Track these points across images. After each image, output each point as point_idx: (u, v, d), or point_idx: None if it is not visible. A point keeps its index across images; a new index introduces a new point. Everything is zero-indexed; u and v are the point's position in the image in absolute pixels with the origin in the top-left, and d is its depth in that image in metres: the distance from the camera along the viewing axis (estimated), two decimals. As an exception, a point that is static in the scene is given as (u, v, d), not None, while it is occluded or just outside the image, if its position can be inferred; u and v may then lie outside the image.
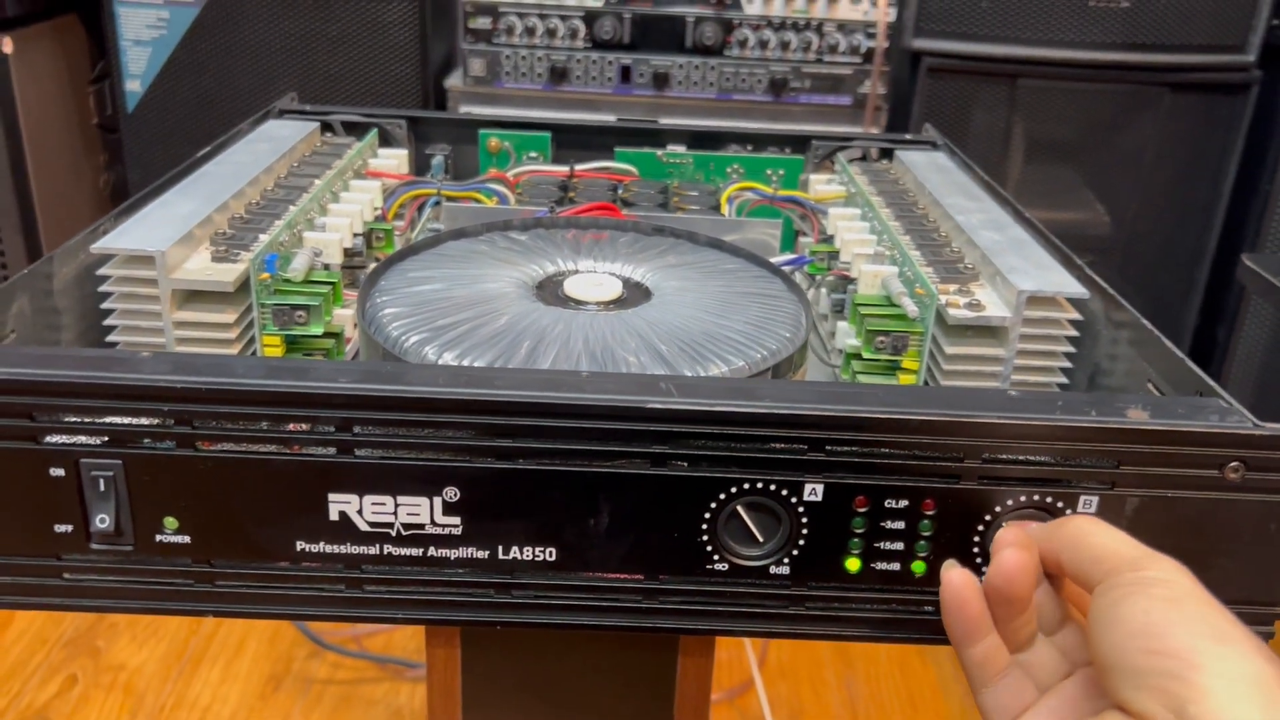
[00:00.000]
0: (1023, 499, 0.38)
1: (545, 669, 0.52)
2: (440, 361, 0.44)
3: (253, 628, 1.26)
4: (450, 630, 0.50)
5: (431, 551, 0.39)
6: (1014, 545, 0.36)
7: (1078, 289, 0.50)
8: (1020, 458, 0.38)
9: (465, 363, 0.43)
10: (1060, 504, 0.38)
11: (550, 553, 0.39)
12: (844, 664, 1.27)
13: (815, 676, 1.25)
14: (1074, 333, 0.50)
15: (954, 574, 0.37)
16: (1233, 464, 0.37)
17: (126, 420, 0.37)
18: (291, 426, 0.37)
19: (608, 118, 1.41)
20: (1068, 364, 0.51)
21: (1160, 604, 0.32)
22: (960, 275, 0.53)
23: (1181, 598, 0.33)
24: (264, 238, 0.53)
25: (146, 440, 0.37)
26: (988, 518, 0.38)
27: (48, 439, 0.37)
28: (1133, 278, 1.47)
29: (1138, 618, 0.32)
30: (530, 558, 0.39)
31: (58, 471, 0.38)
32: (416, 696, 1.19)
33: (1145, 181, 1.43)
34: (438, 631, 0.51)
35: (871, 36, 1.37)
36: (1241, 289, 1.39)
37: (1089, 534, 0.36)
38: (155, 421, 0.37)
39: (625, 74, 1.38)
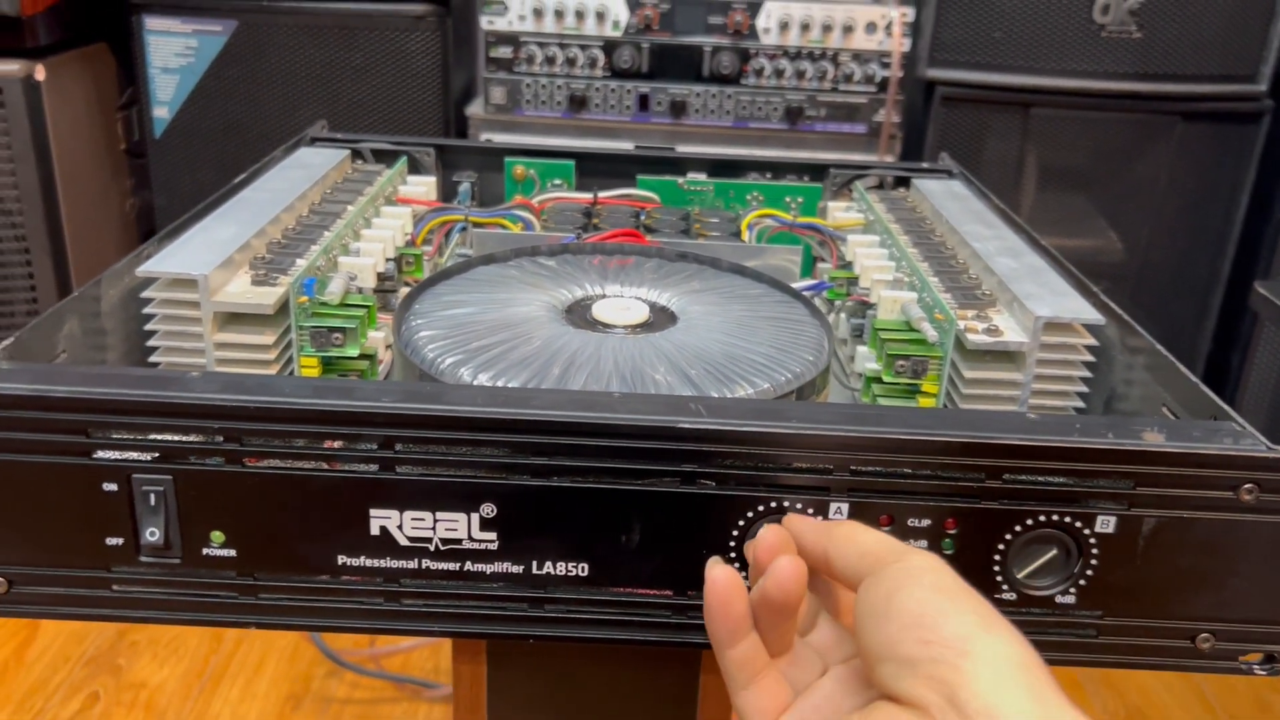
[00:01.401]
0: (1041, 519, 0.39)
1: (569, 686, 0.53)
2: (475, 382, 0.45)
3: (272, 647, 1.27)
4: (477, 646, 0.52)
5: (468, 566, 0.40)
6: (787, 553, 0.36)
7: (1094, 315, 0.51)
8: (1040, 478, 0.39)
9: (500, 384, 0.45)
10: (1079, 524, 0.39)
11: (583, 568, 0.40)
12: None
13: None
14: (1090, 358, 0.52)
15: (719, 572, 0.37)
16: (1247, 486, 0.39)
17: (177, 437, 0.39)
18: (335, 444, 0.38)
19: (625, 145, 1.43)
20: (1084, 388, 0.52)
21: (932, 594, 0.33)
22: (978, 301, 0.54)
23: (950, 587, 0.33)
24: (301, 262, 0.55)
25: (196, 456, 0.39)
26: (1008, 536, 0.40)
27: (101, 454, 0.39)
28: (1146, 305, 1.48)
29: (911, 608, 0.33)
30: (563, 573, 0.40)
31: (110, 486, 0.39)
32: (434, 717, 1.19)
33: (1158, 209, 1.45)
34: (464, 647, 0.52)
35: (886, 66, 1.39)
36: (1255, 316, 1.39)
37: (856, 532, 0.37)
38: (205, 438, 0.39)
39: (643, 102, 1.40)
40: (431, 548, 0.40)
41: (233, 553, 0.40)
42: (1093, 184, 1.44)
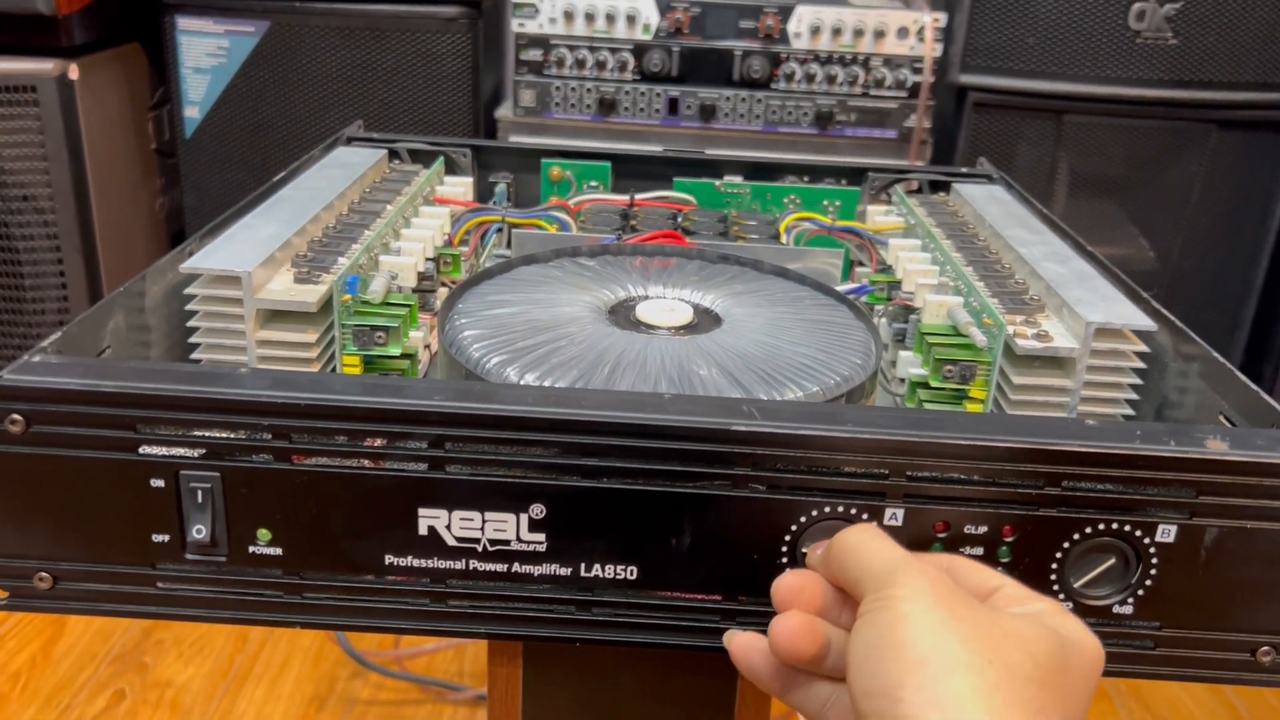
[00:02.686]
0: (1100, 527, 0.39)
1: (605, 689, 0.52)
2: (522, 382, 0.45)
3: (296, 647, 1.27)
4: (513, 648, 0.51)
5: (516, 567, 0.40)
6: (789, 611, 0.36)
7: (1145, 321, 0.50)
8: (1100, 486, 0.38)
9: (547, 383, 0.44)
10: (1139, 533, 0.39)
11: (631, 571, 0.40)
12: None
13: (856, 709, 1.24)
14: (1141, 365, 0.51)
15: (733, 648, 0.38)
16: (1313, 496, 0.38)
17: (225, 434, 0.38)
18: (384, 443, 0.38)
19: (655, 149, 1.42)
20: (1134, 396, 0.51)
21: (878, 634, 0.32)
22: (1026, 306, 0.54)
23: (902, 618, 0.31)
24: (343, 261, 0.54)
25: (244, 454, 0.39)
26: (1066, 545, 0.39)
27: (148, 450, 0.39)
28: (1178, 314, 1.46)
29: (857, 656, 0.32)
30: (611, 575, 0.40)
31: (158, 482, 0.39)
32: (458, 719, 1.19)
33: (1191, 218, 1.43)
34: (500, 649, 0.52)
35: (917, 71, 1.38)
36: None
37: (852, 550, 0.35)
38: (253, 435, 0.38)
39: (673, 106, 1.40)
40: (479, 548, 0.39)
41: (279, 551, 0.40)
42: (1125, 192, 1.42)
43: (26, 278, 1.34)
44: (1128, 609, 0.40)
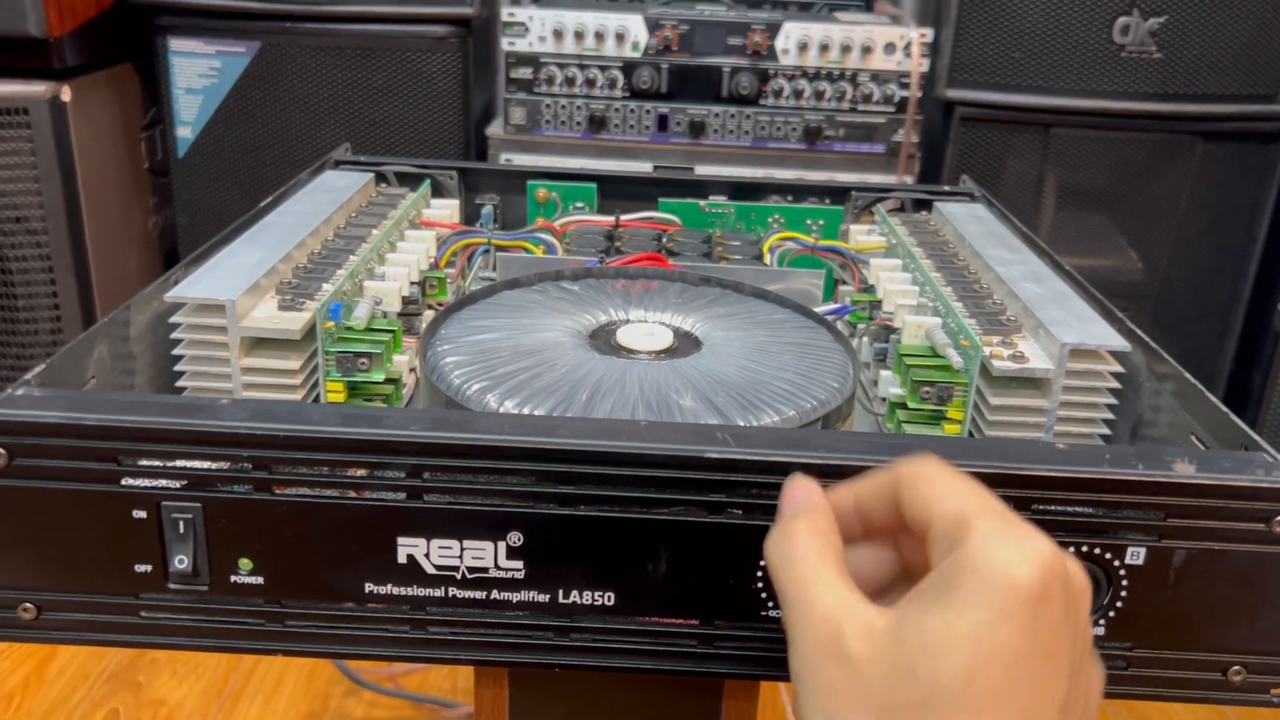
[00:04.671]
0: (1071, 550, 0.39)
1: (592, 710, 0.53)
2: (502, 409, 0.45)
3: (290, 665, 1.27)
4: (499, 671, 0.51)
5: (494, 594, 0.40)
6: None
7: (1120, 342, 0.51)
8: (1069, 509, 0.39)
9: (526, 410, 0.45)
10: (1109, 555, 0.39)
11: (609, 597, 0.40)
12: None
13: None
14: (1116, 385, 0.51)
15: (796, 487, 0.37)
16: (1279, 518, 0.38)
17: (206, 465, 0.39)
18: (363, 472, 0.39)
19: (644, 165, 1.43)
20: (1110, 415, 0.52)
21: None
22: (1003, 327, 0.54)
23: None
24: (328, 287, 0.55)
25: (224, 484, 0.39)
26: (1037, 568, 0.39)
27: (130, 482, 0.39)
28: (1166, 324, 1.47)
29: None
30: (589, 601, 0.40)
31: (139, 513, 0.39)
32: (451, 737, 1.19)
33: (1178, 229, 1.44)
34: (487, 672, 0.52)
35: (905, 86, 1.39)
36: (1277, 337, 1.38)
37: (919, 485, 0.34)
38: (234, 466, 0.39)
39: (662, 123, 1.41)
40: (458, 576, 0.40)
41: (260, 580, 0.40)
42: (1113, 204, 1.43)
43: (19, 299, 1.34)
44: (1099, 630, 0.40)
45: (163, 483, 0.39)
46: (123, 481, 0.39)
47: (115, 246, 1.44)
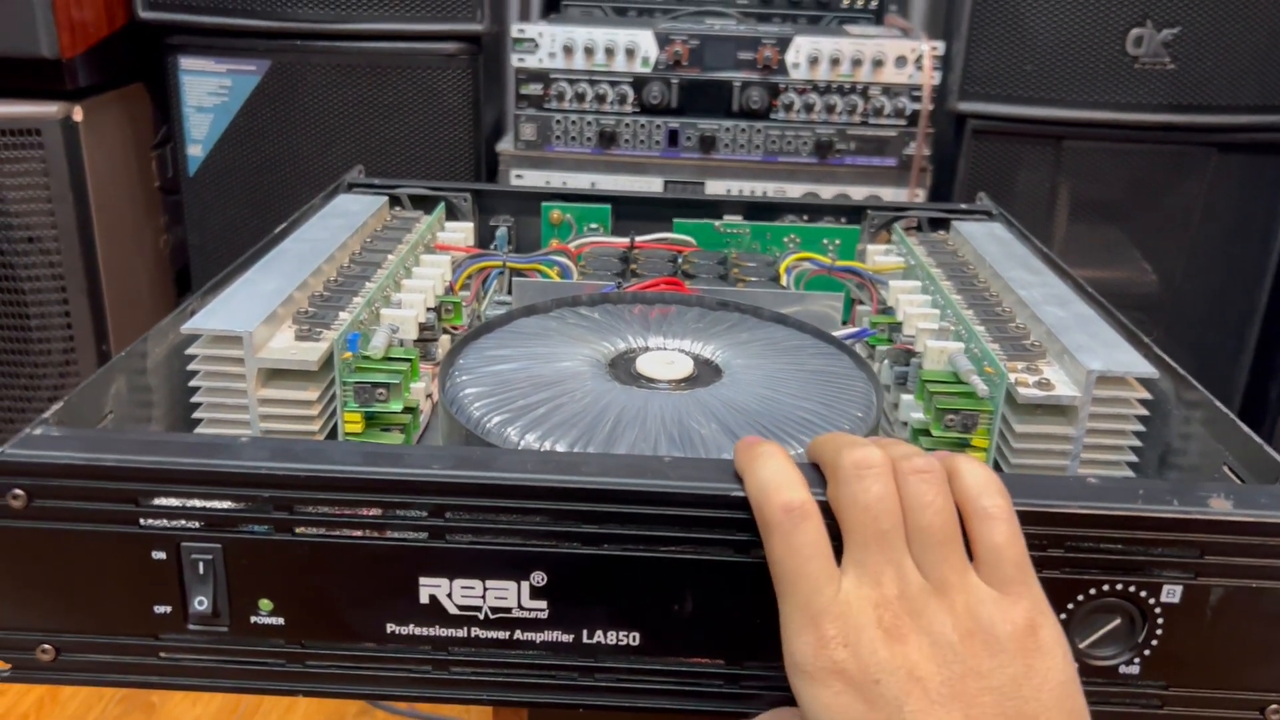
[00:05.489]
0: (1105, 588, 0.38)
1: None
2: (523, 443, 0.45)
3: (303, 686, 1.27)
4: (519, 710, 0.51)
5: (518, 635, 0.39)
6: None
7: (1147, 369, 0.50)
8: (1103, 546, 0.38)
9: (548, 444, 0.44)
10: (1144, 593, 0.38)
11: (634, 637, 0.40)
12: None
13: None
14: (1144, 412, 0.51)
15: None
16: (1318, 555, 0.37)
17: (226, 505, 0.38)
18: (384, 512, 0.38)
19: (655, 180, 1.43)
20: (1138, 443, 0.51)
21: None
22: (1027, 353, 0.54)
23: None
24: (344, 316, 0.54)
25: (245, 525, 0.39)
26: (1071, 605, 0.39)
27: (149, 523, 0.39)
28: (1181, 337, 1.46)
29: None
30: (614, 642, 0.40)
31: (159, 554, 0.39)
32: (465, 758, 1.18)
33: (1193, 241, 1.43)
34: (506, 711, 0.52)
35: (916, 99, 1.38)
36: (1295, 350, 1.37)
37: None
38: (254, 506, 0.38)
39: (673, 138, 1.40)
40: (481, 616, 0.39)
41: (281, 621, 0.40)
42: (1126, 216, 1.42)
43: (32, 318, 1.34)
44: (1134, 669, 0.39)
45: (182, 523, 0.39)
46: (142, 522, 0.39)
47: (127, 265, 1.44)
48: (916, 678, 0.33)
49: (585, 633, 0.39)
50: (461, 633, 0.39)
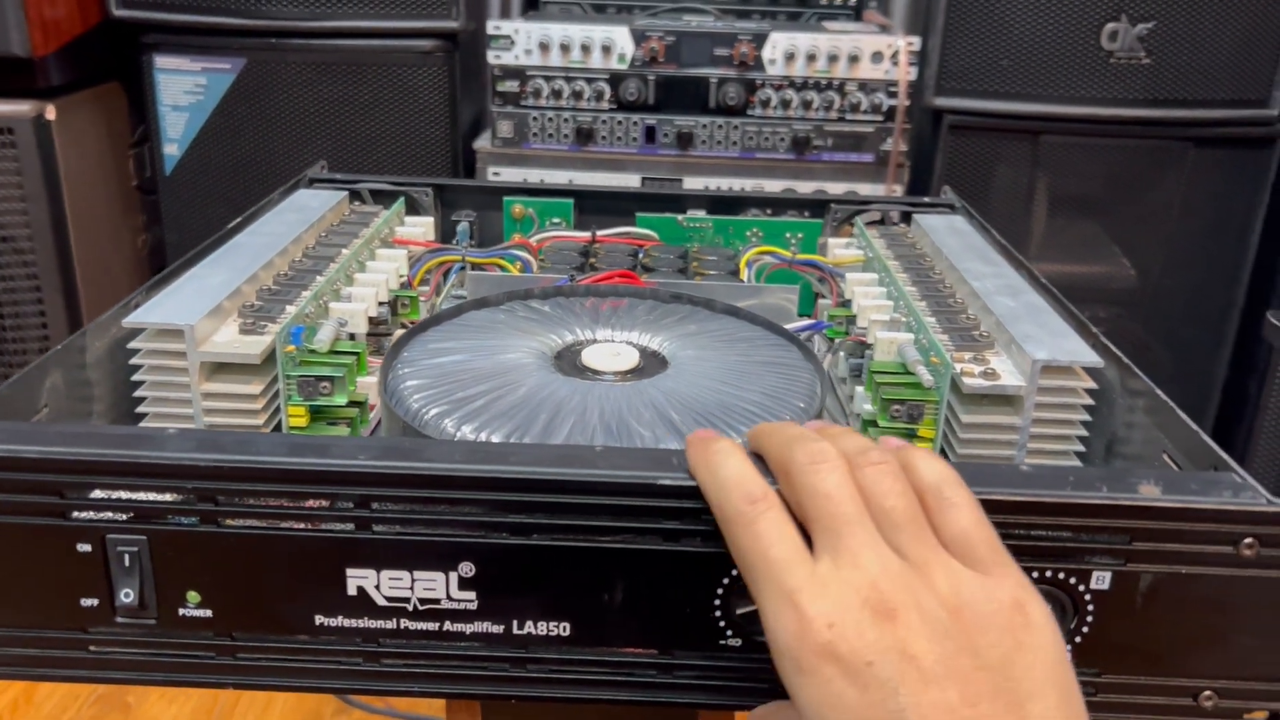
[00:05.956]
0: (1035, 575, 0.38)
1: (565, 736, 0.52)
2: (459, 434, 0.44)
3: (279, 685, 1.27)
4: (471, 704, 0.51)
5: (447, 626, 0.39)
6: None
7: (1093, 358, 0.50)
8: (1033, 533, 0.38)
9: (484, 435, 0.44)
10: (1074, 580, 0.38)
11: (564, 627, 0.39)
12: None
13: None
14: (1089, 401, 0.51)
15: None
16: (1247, 540, 0.37)
17: (152, 496, 0.38)
18: (311, 503, 0.38)
19: (633, 177, 1.43)
20: (1084, 432, 0.51)
21: None
22: (975, 343, 0.53)
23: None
24: (291, 309, 0.54)
25: (171, 516, 0.38)
26: (1000, 594, 0.38)
27: (76, 515, 0.38)
28: (1159, 331, 1.46)
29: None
30: (545, 632, 0.39)
31: (85, 547, 0.39)
32: (441, 756, 1.18)
33: (1171, 235, 1.43)
34: (459, 705, 0.51)
35: (893, 95, 1.38)
36: (1269, 347, 1.37)
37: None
38: (179, 498, 0.38)
39: (650, 134, 1.40)
40: (410, 607, 0.39)
41: (209, 613, 0.39)
42: (1104, 211, 1.42)
43: (6, 318, 1.34)
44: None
45: (108, 515, 0.38)
46: (67, 514, 0.38)
47: (103, 265, 1.44)
48: (909, 656, 0.31)
49: (515, 623, 0.39)
50: (391, 624, 0.39)
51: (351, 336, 0.57)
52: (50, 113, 1.29)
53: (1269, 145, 1.39)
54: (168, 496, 0.38)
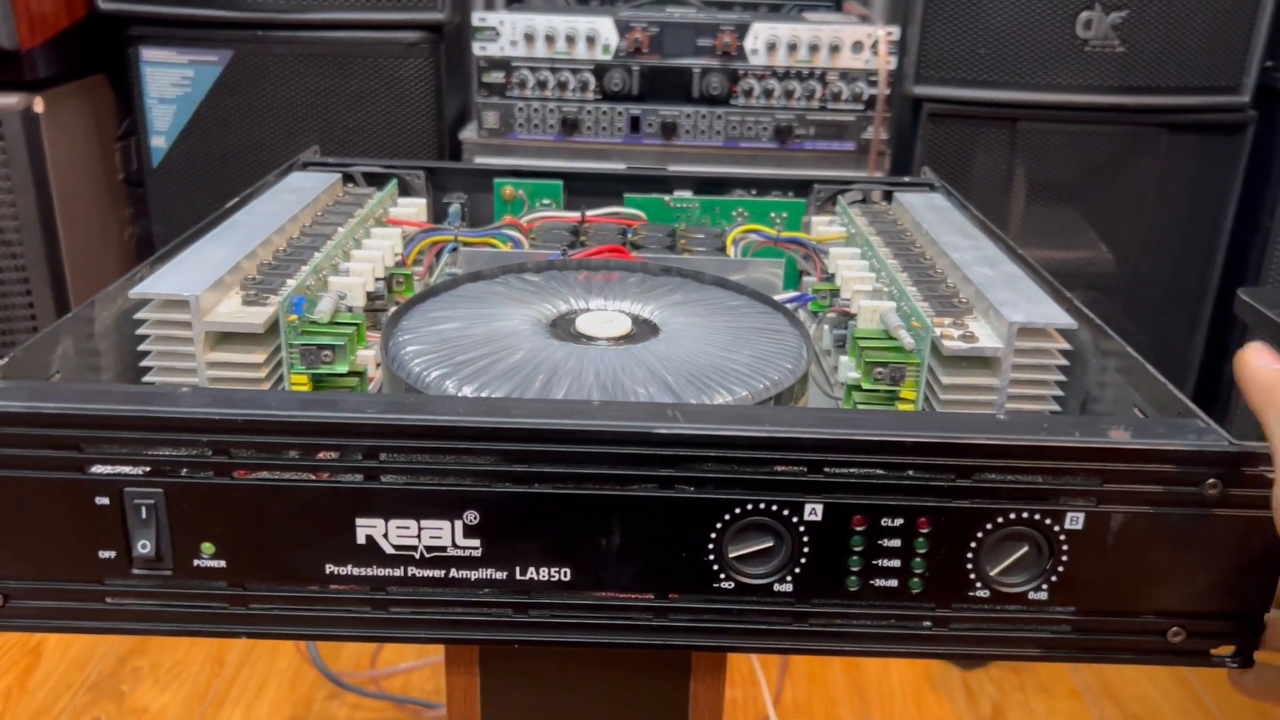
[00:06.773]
0: (1012, 516, 0.40)
1: (561, 696, 0.54)
2: (460, 394, 0.46)
3: (273, 670, 1.28)
4: (470, 657, 0.52)
5: (453, 573, 0.41)
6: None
7: (1066, 320, 0.52)
8: (1010, 477, 0.40)
9: (484, 395, 0.46)
10: (1049, 521, 0.40)
11: (565, 573, 0.41)
12: (860, 700, 1.27)
13: (831, 714, 1.25)
14: (1064, 362, 0.53)
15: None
16: (1210, 481, 0.39)
17: (167, 451, 0.40)
18: (321, 455, 0.40)
19: (618, 166, 1.44)
20: (1059, 392, 0.53)
21: None
22: (955, 309, 0.55)
23: None
24: (291, 282, 0.56)
25: (186, 470, 0.40)
26: (980, 534, 0.40)
27: (93, 469, 0.40)
28: (1137, 315, 1.49)
29: None
30: (546, 578, 0.41)
31: (102, 500, 0.40)
32: (434, 737, 1.20)
33: (1147, 220, 1.46)
34: (457, 659, 0.53)
35: (873, 84, 1.40)
36: (1244, 324, 1.40)
37: None
38: (194, 452, 0.40)
39: (635, 124, 1.42)
40: (417, 555, 0.41)
41: (223, 564, 0.41)
42: (1081, 196, 1.45)
43: (-5, 310, 1.34)
44: (1043, 595, 0.41)
45: (125, 469, 0.40)
46: (85, 469, 0.40)
47: (92, 258, 1.45)
48: None
49: (518, 569, 0.41)
50: (399, 572, 0.41)
51: (350, 309, 0.58)
52: (38, 105, 1.30)
53: (1241, 131, 1.42)
54: (183, 451, 0.40)
